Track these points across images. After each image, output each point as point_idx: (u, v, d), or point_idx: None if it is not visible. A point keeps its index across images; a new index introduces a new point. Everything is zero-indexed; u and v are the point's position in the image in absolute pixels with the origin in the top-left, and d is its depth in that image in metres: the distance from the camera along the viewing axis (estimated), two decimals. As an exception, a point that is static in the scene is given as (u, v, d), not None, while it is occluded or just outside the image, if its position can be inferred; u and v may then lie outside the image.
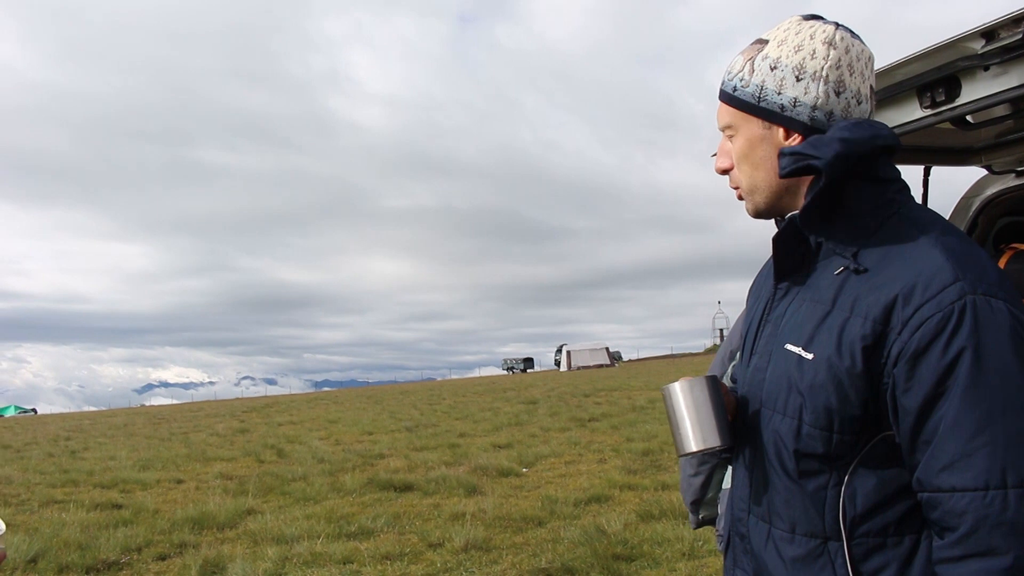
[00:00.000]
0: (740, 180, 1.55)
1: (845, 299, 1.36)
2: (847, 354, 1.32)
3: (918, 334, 1.25)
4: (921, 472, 1.27)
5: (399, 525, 7.87)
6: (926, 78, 2.16)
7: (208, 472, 12.66)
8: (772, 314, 1.53)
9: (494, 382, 45.05)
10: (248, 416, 26.50)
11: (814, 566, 1.37)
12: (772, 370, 1.46)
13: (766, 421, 1.45)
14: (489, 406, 23.51)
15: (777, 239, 1.49)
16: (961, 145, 3.26)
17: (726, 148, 1.56)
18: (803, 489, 1.38)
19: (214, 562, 6.67)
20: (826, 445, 1.34)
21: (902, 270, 1.32)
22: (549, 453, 12.46)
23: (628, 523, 7.24)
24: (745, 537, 1.53)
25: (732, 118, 1.54)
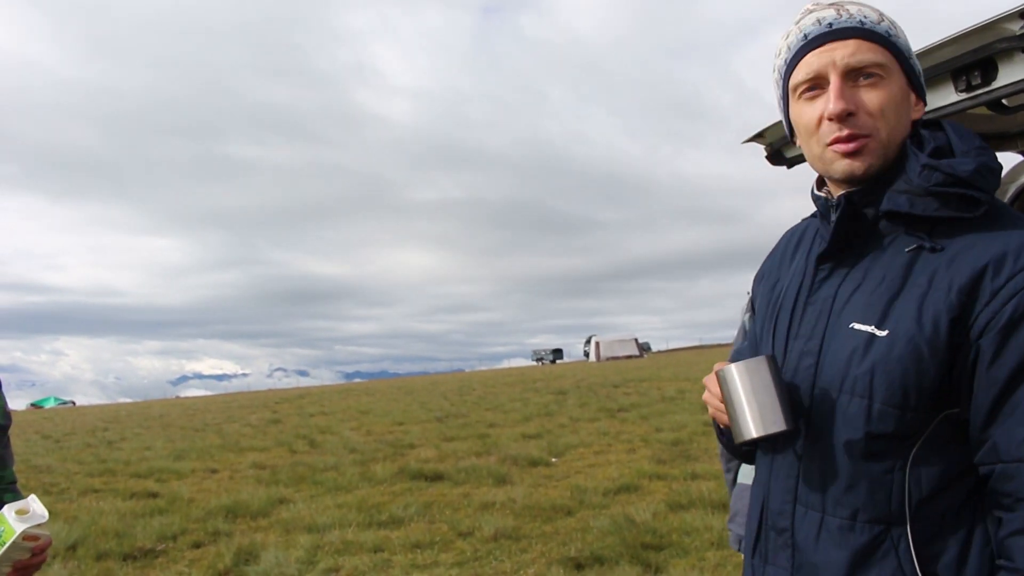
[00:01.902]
0: (877, 130, 1.39)
1: (920, 275, 1.33)
2: (930, 326, 1.29)
3: (1012, 304, 1.24)
4: (1001, 442, 1.25)
5: (429, 514, 7.94)
6: (961, 61, 2.12)
7: (241, 462, 12.83)
8: (815, 295, 1.48)
9: (524, 373, 45.11)
10: (280, 407, 26.75)
11: (876, 554, 1.32)
12: (831, 351, 1.40)
13: (828, 403, 1.38)
14: (519, 396, 23.56)
15: (840, 219, 1.42)
16: (997, 131, 3.23)
17: (846, 92, 1.38)
18: (870, 473, 1.33)
19: (247, 550, 6.78)
20: (897, 424, 1.30)
21: (987, 244, 1.30)
22: (578, 443, 12.49)
23: (657, 512, 7.24)
24: (786, 531, 1.45)
25: (885, 59, 1.40)
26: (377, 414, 21.11)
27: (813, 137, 1.43)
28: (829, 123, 1.39)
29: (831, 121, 1.38)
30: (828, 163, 1.42)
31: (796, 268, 1.58)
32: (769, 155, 2.95)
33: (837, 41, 1.39)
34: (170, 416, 26.33)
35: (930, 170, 1.33)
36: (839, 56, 1.37)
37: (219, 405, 31.89)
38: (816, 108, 1.41)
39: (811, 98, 1.42)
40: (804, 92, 1.43)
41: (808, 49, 1.41)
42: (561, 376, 34.45)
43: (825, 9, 1.43)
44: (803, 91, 1.43)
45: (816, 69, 1.39)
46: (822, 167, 1.45)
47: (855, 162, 1.39)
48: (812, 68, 1.40)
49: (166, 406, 35.63)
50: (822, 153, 1.42)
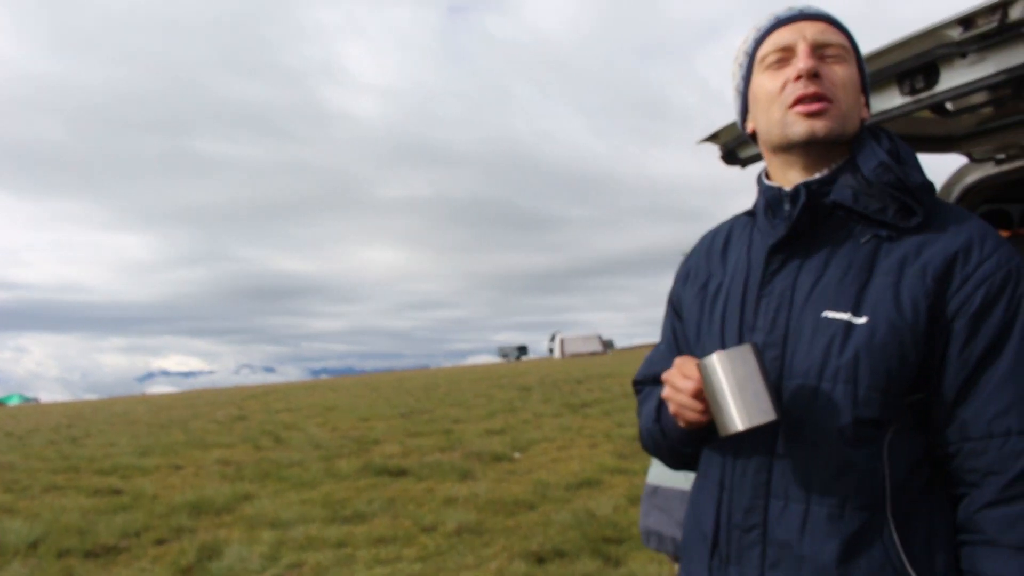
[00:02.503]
0: (838, 99, 1.45)
1: (887, 263, 1.38)
2: (910, 311, 1.34)
3: (983, 289, 1.32)
4: (971, 421, 1.32)
5: (393, 509, 7.98)
6: (905, 65, 2.19)
7: (206, 458, 12.77)
8: (768, 287, 1.48)
9: (489, 369, 45.14)
10: (246, 404, 26.56)
11: (865, 539, 1.34)
12: (800, 341, 1.40)
13: (806, 393, 1.38)
14: (483, 393, 23.59)
15: (803, 209, 1.44)
16: (942, 133, 3.32)
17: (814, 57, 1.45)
18: (856, 459, 1.35)
19: (211, 546, 6.79)
20: (880, 408, 1.34)
21: (951, 232, 1.38)
22: (541, 438, 12.58)
23: (618, 506, 7.35)
24: (756, 527, 1.42)
25: (845, 42, 1.50)
26: (343, 410, 21.05)
27: (775, 103, 1.47)
28: (795, 83, 1.43)
29: (798, 80, 1.43)
30: (788, 126, 1.45)
31: (736, 264, 1.59)
32: (723, 155, 3.04)
33: (807, 20, 1.48)
34: (136, 413, 26.05)
35: (885, 169, 1.40)
36: (809, 32, 1.46)
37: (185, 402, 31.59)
38: (781, 75, 1.46)
39: (777, 67, 1.48)
40: (771, 63, 1.48)
41: (779, 25, 1.49)
42: (526, 372, 34.51)
43: (796, 2, 1.52)
44: (770, 62, 1.48)
45: (786, 40, 1.47)
46: (780, 132, 1.47)
47: (817, 122, 1.42)
48: (783, 39, 1.47)
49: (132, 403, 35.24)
50: (783, 116, 1.46)
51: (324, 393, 30.18)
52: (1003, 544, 1.27)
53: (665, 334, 1.77)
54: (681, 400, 1.44)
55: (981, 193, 3.70)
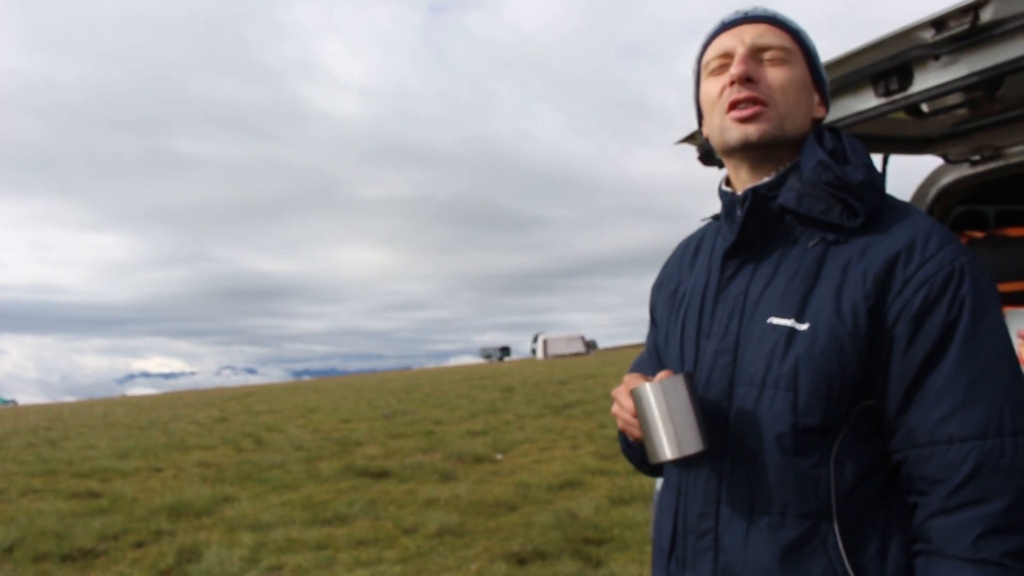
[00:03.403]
0: (774, 101, 1.44)
1: (832, 267, 1.37)
2: (850, 317, 1.32)
3: (923, 291, 1.29)
4: (916, 427, 1.29)
5: (374, 511, 7.96)
6: (879, 67, 2.20)
7: (187, 460, 12.71)
8: (724, 293, 1.48)
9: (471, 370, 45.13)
10: (228, 405, 26.46)
11: (806, 548, 1.33)
12: (748, 347, 1.40)
13: (750, 400, 1.38)
14: (466, 394, 23.58)
15: (749, 213, 1.45)
16: (918, 134, 3.35)
17: (749, 62, 1.44)
18: (798, 467, 1.34)
19: (190, 549, 6.75)
20: (823, 416, 1.32)
21: (895, 233, 1.36)
22: (524, 439, 12.58)
23: (599, 507, 7.35)
24: (708, 533, 1.43)
25: (790, 45, 1.48)
26: (324, 412, 21.00)
27: (715, 108, 1.47)
28: (729, 88, 1.43)
29: (732, 85, 1.43)
30: (726, 131, 1.45)
31: (699, 269, 1.60)
32: (700, 156, 3.05)
33: (749, 24, 1.47)
34: (115, 415, 25.89)
35: (824, 168, 1.38)
36: (747, 36, 1.45)
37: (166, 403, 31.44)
38: (720, 81, 1.46)
39: (718, 73, 1.48)
40: (713, 70, 1.49)
41: (721, 31, 1.50)
42: (508, 373, 34.52)
43: (747, 4, 1.52)
44: (712, 68, 1.49)
45: (726, 46, 1.47)
46: (720, 138, 1.48)
47: (749, 127, 1.42)
48: (723, 45, 1.47)
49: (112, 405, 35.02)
50: (721, 122, 1.46)
51: (306, 394, 30.10)
52: (950, 555, 1.26)
53: (648, 341, 1.79)
54: (624, 418, 1.49)
55: (956, 194, 3.73)
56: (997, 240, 3.49)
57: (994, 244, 3.47)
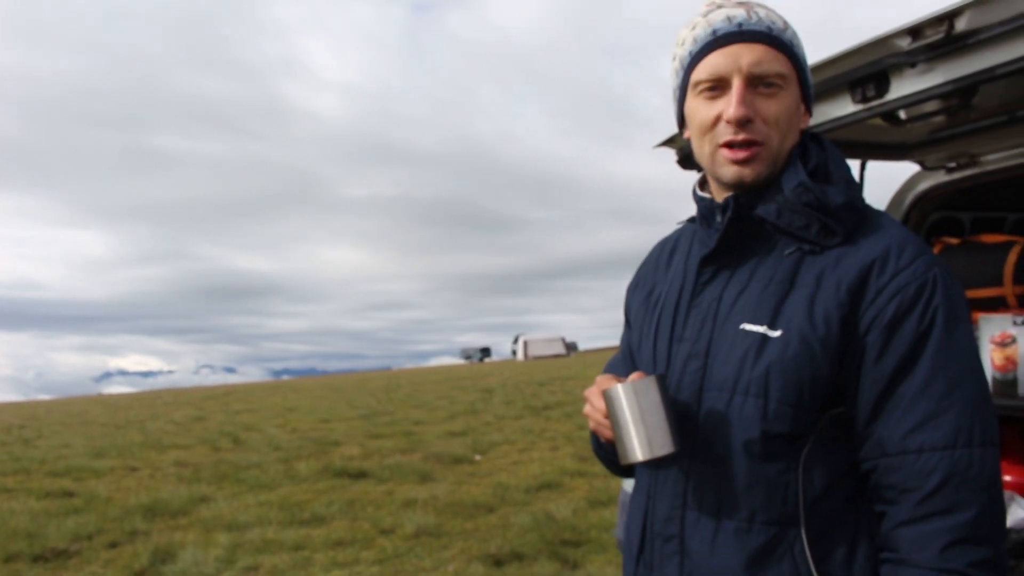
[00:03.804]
0: (770, 138, 1.40)
1: (807, 276, 1.37)
2: (822, 325, 1.32)
3: (896, 300, 1.30)
4: (886, 436, 1.30)
5: (352, 512, 7.94)
6: (857, 74, 2.22)
7: (163, 460, 12.62)
8: (699, 298, 1.48)
9: (451, 371, 45.11)
10: (206, 404, 26.31)
11: (773, 555, 1.34)
12: (720, 353, 1.40)
13: (720, 405, 1.39)
14: (445, 394, 23.56)
15: (731, 222, 1.43)
16: (895, 141, 3.38)
17: (747, 98, 1.38)
18: (766, 474, 1.35)
19: (165, 549, 6.71)
20: (792, 423, 1.33)
21: (869, 243, 1.36)
22: (503, 441, 12.58)
23: (577, 509, 7.36)
24: (674, 537, 1.44)
25: (786, 70, 1.41)
26: (303, 411, 20.92)
27: (707, 135, 1.42)
28: (726, 125, 1.38)
29: (728, 124, 1.38)
30: (718, 165, 1.43)
31: (675, 273, 1.59)
32: (680, 160, 3.06)
33: (744, 44, 1.38)
34: (91, 413, 25.69)
35: (804, 189, 1.38)
36: (745, 62, 1.37)
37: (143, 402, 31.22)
38: (714, 108, 1.40)
39: (711, 97, 1.41)
40: (704, 90, 1.41)
41: (715, 47, 1.39)
42: (488, 374, 34.51)
43: (735, 8, 1.42)
44: (703, 89, 1.41)
45: (721, 71, 1.38)
46: (711, 166, 1.45)
47: (745, 169, 1.40)
48: (717, 69, 1.39)
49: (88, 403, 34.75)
50: (713, 153, 1.42)
51: (285, 394, 29.98)
52: (917, 564, 1.27)
53: (622, 342, 1.79)
54: (596, 418, 1.48)
55: (933, 201, 3.76)
56: (972, 246, 3.52)
57: (969, 250, 3.50)
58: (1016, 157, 3.21)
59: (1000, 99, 2.83)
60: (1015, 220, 4.11)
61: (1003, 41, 1.88)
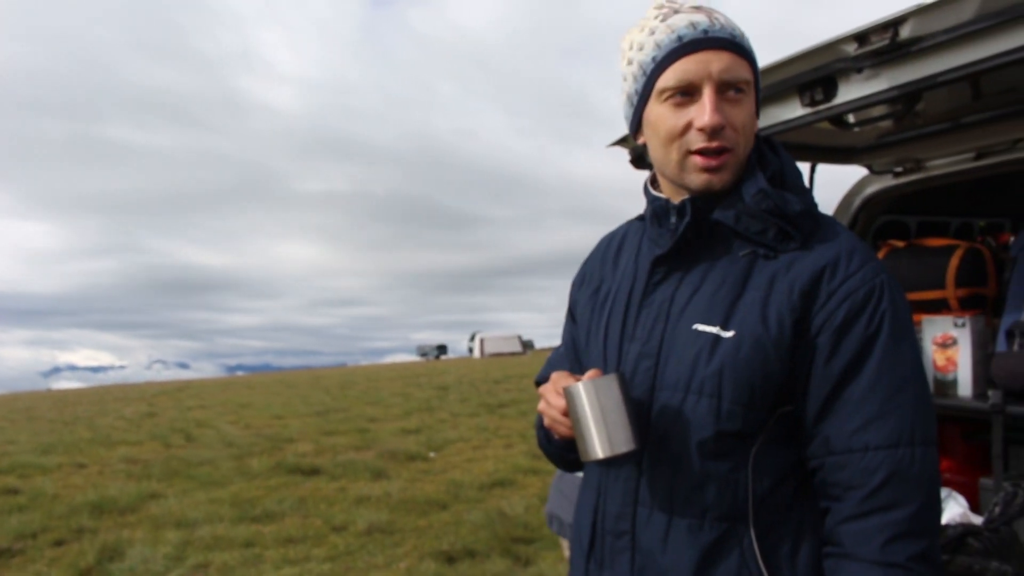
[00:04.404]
0: (737, 145, 1.42)
1: (759, 279, 1.39)
2: (774, 326, 1.35)
3: (846, 304, 1.34)
4: (833, 435, 1.34)
5: (304, 509, 7.89)
6: (806, 78, 2.26)
7: (112, 456, 12.39)
8: (650, 298, 1.50)
9: (407, 368, 44.93)
10: (158, 400, 25.90)
11: (723, 550, 1.37)
12: (673, 353, 1.42)
13: (673, 404, 1.41)
14: (400, 392, 23.46)
15: (689, 225, 1.45)
16: (844, 145, 3.43)
17: (719, 105, 1.38)
18: (718, 471, 1.38)
19: (112, 547, 6.60)
20: (744, 422, 1.36)
21: (821, 249, 1.39)
22: (457, 438, 12.57)
23: (530, 506, 7.39)
24: (626, 534, 1.46)
25: (749, 76, 1.42)
26: (257, 408, 20.69)
27: (675, 142, 1.41)
28: (699, 133, 1.38)
29: (701, 132, 1.37)
30: (687, 171, 1.42)
31: (624, 271, 1.60)
32: (633, 159, 3.09)
33: (711, 51, 1.37)
34: (39, 409, 25.16)
35: (764, 196, 1.40)
36: (715, 68, 1.36)
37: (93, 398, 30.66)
38: (684, 115, 1.39)
39: (679, 104, 1.39)
40: (671, 97, 1.40)
41: (683, 53, 1.38)
42: (444, 372, 34.42)
43: (695, 13, 1.41)
44: (670, 95, 1.40)
45: (691, 78, 1.37)
46: (677, 172, 1.44)
47: (715, 177, 1.41)
48: (687, 75, 1.37)
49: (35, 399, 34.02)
50: (682, 160, 1.41)
51: (239, 390, 29.64)
52: (859, 557, 1.31)
53: (564, 337, 1.80)
54: (553, 415, 1.47)
55: (880, 204, 3.83)
56: (917, 250, 3.59)
57: (914, 253, 3.57)
58: (959, 163, 3.29)
59: (944, 106, 2.90)
60: (959, 224, 4.21)
61: (945, 49, 1.93)
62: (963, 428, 3.55)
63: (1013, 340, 3.03)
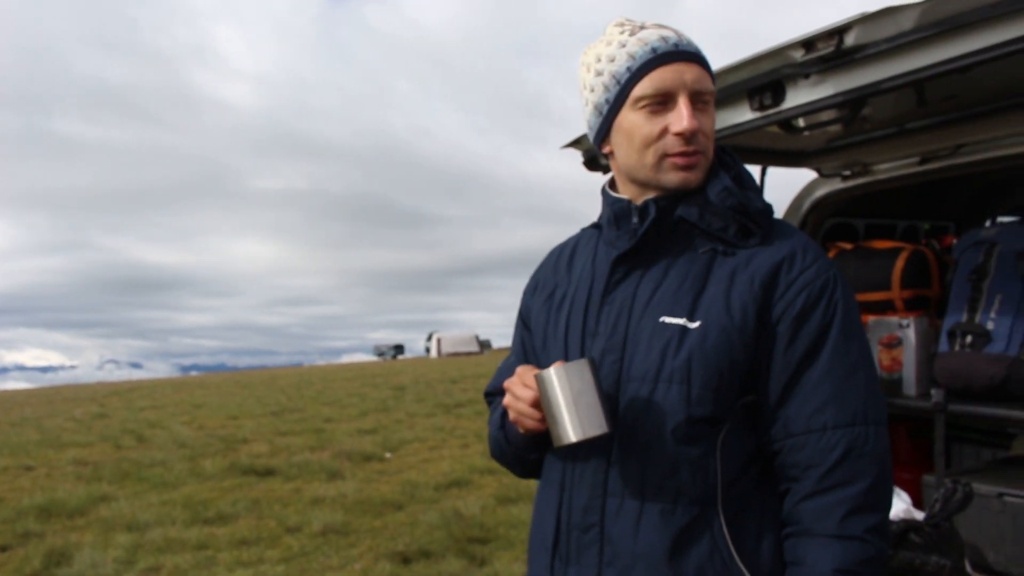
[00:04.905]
0: (707, 149, 1.53)
1: (720, 274, 1.48)
2: (738, 315, 1.44)
3: (804, 294, 1.44)
4: (792, 418, 1.43)
5: (258, 510, 7.82)
6: (755, 82, 2.31)
7: (61, 458, 12.17)
8: (611, 296, 1.56)
9: (363, 368, 44.70)
10: (109, 400, 25.49)
11: (694, 533, 1.43)
12: (639, 345, 1.48)
13: (643, 394, 1.46)
14: (357, 392, 23.32)
15: (653, 223, 1.52)
16: (794, 148, 3.49)
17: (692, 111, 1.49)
18: (689, 456, 1.43)
19: (60, 551, 6.48)
20: (713, 407, 1.43)
21: (776, 245, 1.50)
22: (413, 438, 12.53)
23: (486, 507, 7.40)
24: (594, 526, 1.49)
25: (712, 86, 1.54)
26: (211, 408, 20.46)
27: (651, 147, 1.49)
28: (676, 138, 1.47)
29: (679, 136, 1.47)
30: (663, 172, 1.51)
31: (581, 274, 1.66)
32: (586, 161, 3.12)
33: (684, 63, 1.48)
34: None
35: (728, 194, 1.50)
36: (689, 79, 1.47)
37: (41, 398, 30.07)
38: (659, 122, 1.48)
39: (655, 111, 1.49)
40: (648, 104, 1.48)
41: (658, 63, 1.47)
42: (401, 372, 34.30)
43: (663, 29, 1.52)
44: (647, 103, 1.48)
45: (667, 86, 1.47)
46: (652, 174, 1.52)
47: (691, 175, 1.51)
48: (664, 84, 1.47)
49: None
50: (658, 163, 1.50)
51: (192, 390, 29.26)
52: (818, 533, 1.38)
53: (515, 346, 1.84)
54: (520, 408, 1.50)
55: (829, 207, 3.90)
56: (864, 252, 3.66)
57: (861, 256, 3.64)
58: (905, 167, 3.36)
59: (890, 112, 2.96)
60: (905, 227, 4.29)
61: (888, 57, 1.98)
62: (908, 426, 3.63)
63: (955, 340, 3.11)
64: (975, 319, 3.08)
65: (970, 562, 2.64)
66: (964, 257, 3.24)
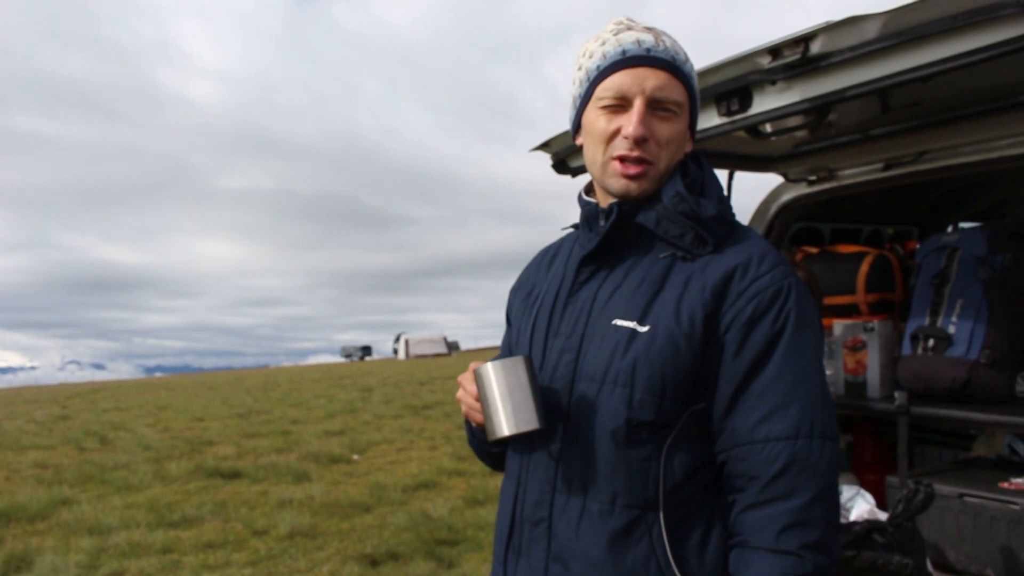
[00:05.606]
0: (659, 159, 1.52)
1: (676, 278, 1.49)
2: (687, 321, 1.44)
3: (754, 303, 1.43)
4: (738, 427, 1.42)
5: (224, 513, 7.74)
6: (722, 88, 2.34)
7: (21, 461, 11.99)
8: (576, 296, 1.59)
9: (331, 369, 44.47)
10: (71, 402, 25.15)
11: (632, 536, 1.43)
12: (593, 345, 1.51)
13: (590, 394, 1.48)
14: (324, 393, 23.21)
15: (612, 226, 1.55)
16: (761, 153, 3.53)
17: (646, 118, 1.50)
18: (629, 459, 1.44)
19: (20, 556, 6.37)
20: (656, 412, 1.43)
21: (734, 252, 1.49)
22: (381, 440, 12.49)
23: (454, 508, 7.39)
24: (543, 521, 1.52)
25: (683, 99, 1.54)
26: (176, 410, 20.25)
27: (601, 146, 1.53)
28: (623, 140, 1.49)
29: (626, 140, 1.49)
30: (608, 175, 1.54)
31: (555, 274, 1.70)
32: (554, 164, 3.13)
33: (650, 68, 1.49)
34: (-59, 412, 24.24)
35: (680, 199, 1.51)
36: (649, 85, 1.48)
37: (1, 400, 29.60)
38: (614, 122, 1.51)
39: (612, 112, 1.51)
40: (607, 105, 1.51)
41: (623, 66, 1.50)
42: (368, 373, 34.18)
43: (644, 32, 1.53)
44: (605, 103, 1.51)
45: (625, 90, 1.49)
46: (601, 175, 1.56)
47: (632, 184, 1.52)
48: (622, 88, 1.49)
49: (-63, 401, 32.74)
50: (606, 163, 1.54)
51: (157, 392, 28.95)
52: (756, 545, 1.38)
53: (503, 343, 1.87)
54: (468, 402, 1.58)
55: (795, 211, 3.95)
56: (829, 256, 3.71)
57: (826, 259, 3.69)
58: (870, 173, 3.41)
59: (855, 118, 3.01)
60: (870, 232, 4.35)
61: (852, 65, 2.02)
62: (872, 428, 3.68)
63: (917, 344, 3.15)
64: (937, 323, 3.13)
65: (932, 561, 2.69)
66: (926, 262, 3.29)
